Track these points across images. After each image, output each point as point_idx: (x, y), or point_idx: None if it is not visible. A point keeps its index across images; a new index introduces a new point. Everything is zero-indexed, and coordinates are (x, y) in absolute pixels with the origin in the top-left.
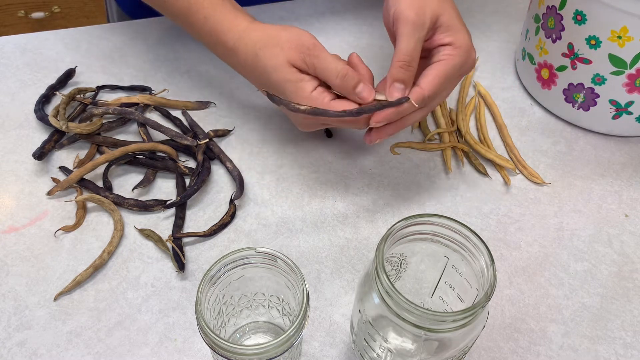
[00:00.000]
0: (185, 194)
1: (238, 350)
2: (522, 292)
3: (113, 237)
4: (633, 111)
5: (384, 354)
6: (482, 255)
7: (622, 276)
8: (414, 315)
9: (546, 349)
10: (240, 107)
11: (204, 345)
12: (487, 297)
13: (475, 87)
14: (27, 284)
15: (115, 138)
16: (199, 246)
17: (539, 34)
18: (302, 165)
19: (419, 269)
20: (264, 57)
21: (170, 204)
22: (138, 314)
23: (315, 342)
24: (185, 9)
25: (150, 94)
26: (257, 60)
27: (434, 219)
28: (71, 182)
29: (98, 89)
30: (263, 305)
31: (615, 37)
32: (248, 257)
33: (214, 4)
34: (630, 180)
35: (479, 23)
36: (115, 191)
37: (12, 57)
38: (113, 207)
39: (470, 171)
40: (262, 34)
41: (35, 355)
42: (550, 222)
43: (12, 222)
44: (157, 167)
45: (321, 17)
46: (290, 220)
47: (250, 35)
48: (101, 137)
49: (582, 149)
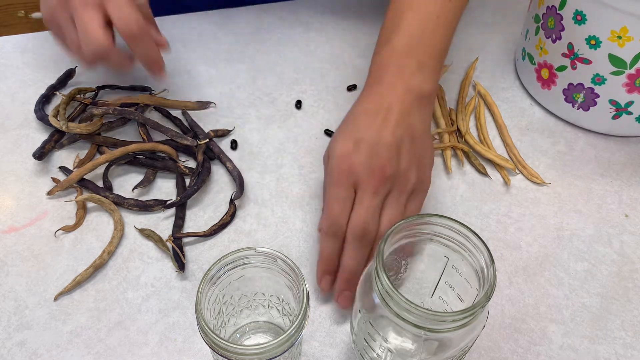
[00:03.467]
0: (185, 194)
1: (238, 350)
2: (522, 292)
3: (113, 237)
4: (633, 111)
5: (384, 354)
6: (482, 255)
7: (622, 276)
8: (414, 315)
9: (546, 349)
10: (240, 107)
11: (204, 345)
12: (487, 297)
13: (475, 87)
14: (27, 284)
15: (116, 138)
16: (199, 246)
17: (539, 34)
18: (302, 165)
19: (419, 269)
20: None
21: (170, 204)
22: (138, 314)
23: (315, 342)
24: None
25: (150, 94)
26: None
27: (434, 219)
28: (71, 182)
29: (98, 89)
30: (263, 305)
31: (615, 37)
32: (248, 257)
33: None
34: (630, 180)
35: (479, 23)
36: (115, 191)
37: (12, 57)
38: (113, 207)
39: (470, 171)
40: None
41: (35, 355)
42: (550, 222)
43: (12, 222)
44: (157, 167)
45: (321, 17)
46: (290, 220)
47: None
48: (101, 137)
49: (582, 149)
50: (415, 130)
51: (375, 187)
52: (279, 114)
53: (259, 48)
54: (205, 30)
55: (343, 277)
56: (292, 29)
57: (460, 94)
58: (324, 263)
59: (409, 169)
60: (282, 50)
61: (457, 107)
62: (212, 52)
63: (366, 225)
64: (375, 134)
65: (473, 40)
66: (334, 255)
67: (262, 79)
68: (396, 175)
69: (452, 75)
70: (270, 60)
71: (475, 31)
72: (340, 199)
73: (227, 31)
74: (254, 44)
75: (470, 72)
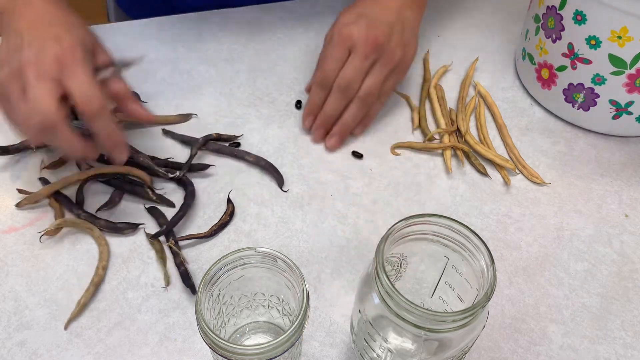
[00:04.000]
0: (171, 221)
1: (238, 350)
2: (522, 292)
3: (101, 252)
4: (633, 111)
5: (384, 354)
6: (482, 255)
7: (622, 276)
8: (414, 315)
9: (546, 349)
10: (240, 107)
11: (204, 345)
12: (487, 297)
13: (475, 87)
14: (27, 284)
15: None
16: (199, 246)
17: (539, 34)
18: (302, 165)
19: (419, 269)
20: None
21: (156, 233)
22: (138, 314)
23: (315, 342)
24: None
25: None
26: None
27: (434, 219)
28: (39, 197)
29: None
30: (263, 305)
31: (615, 37)
32: (248, 257)
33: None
34: (630, 180)
35: (479, 23)
36: (88, 204)
37: None
38: (89, 225)
39: (470, 171)
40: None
41: (35, 355)
42: (550, 222)
43: (12, 222)
44: (125, 189)
45: (321, 17)
46: (290, 220)
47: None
48: None
49: (582, 149)
50: (407, 23)
51: (366, 52)
52: (279, 114)
53: (259, 48)
54: (205, 30)
55: (322, 119)
56: (292, 29)
57: (460, 94)
58: (310, 107)
59: (396, 47)
60: (282, 50)
61: (457, 107)
62: (212, 52)
63: (351, 82)
64: (376, 13)
65: (473, 40)
66: (319, 102)
67: (262, 79)
68: (385, 48)
69: (452, 75)
70: (270, 60)
71: (475, 31)
72: (334, 58)
73: (227, 31)
74: (254, 44)
75: (470, 72)
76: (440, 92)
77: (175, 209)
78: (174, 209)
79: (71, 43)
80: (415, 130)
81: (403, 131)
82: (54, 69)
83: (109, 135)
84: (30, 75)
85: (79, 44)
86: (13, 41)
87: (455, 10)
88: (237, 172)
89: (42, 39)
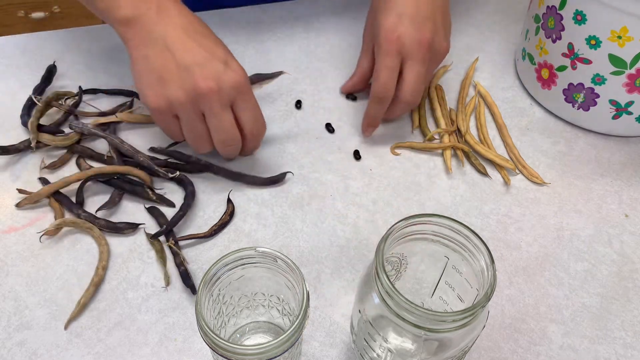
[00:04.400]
0: (171, 221)
1: (238, 350)
2: (522, 292)
3: (101, 252)
4: (633, 111)
5: (384, 354)
6: (482, 255)
7: (622, 276)
8: (414, 315)
9: (546, 349)
10: None
11: (204, 345)
12: (487, 297)
13: (475, 87)
14: (27, 284)
15: (93, 150)
16: (199, 246)
17: (539, 34)
18: (302, 165)
19: (419, 269)
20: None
21: (156, 233)
22: (138, 314)
23: (315, 342)
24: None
25: (131, 108)
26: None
27: (434, 219)
28: (39, 197)
29: (81, 92)
30: (263, 305)
31: (615, 37)
32: (248, 257)
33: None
34: (630, 180)
35: (479, 23)
36: (88, 204)
37: (12, 57)
38: (89, 225)
39: (470, 171)
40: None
41: (35, 355)
42: (550, 222)
43: (12, 222)
44: (125, 189)
45: (321, 17)
46: (290, 220)
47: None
48: (79, 146)
49: (582, 149)
50: (442, 8)
51: (423, 57)
52: (279, 114)
53: (258, 48)
54: None
55: (379, 123)
56: (292, 29)
57: (460, 94)
58: (369, 120)
59: (443, 41)
60: (282, 50)
61: (457, 107)
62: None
63: (415, 92)
64: (413, 7)
65: (473, 40)
66: (379, 116)
67: None
68: (435, 46)
69: (452, 75)
70: (270, 60)
71: (475, 31)
72: (389, 68)
73: (227, 31)
74: (254, 44)
75: (470, 72)
76: (440, 92)
77: (175, 209)
78: (174, 209)
79: (239, 67)
80: (415, 130)
81: (403, 131)
82: (232, 95)
83: (250, 152)
84: (215, 105)
85: (241, 67)
86: (161, 50)
87: (455, 10)
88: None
89: (206, 58)
